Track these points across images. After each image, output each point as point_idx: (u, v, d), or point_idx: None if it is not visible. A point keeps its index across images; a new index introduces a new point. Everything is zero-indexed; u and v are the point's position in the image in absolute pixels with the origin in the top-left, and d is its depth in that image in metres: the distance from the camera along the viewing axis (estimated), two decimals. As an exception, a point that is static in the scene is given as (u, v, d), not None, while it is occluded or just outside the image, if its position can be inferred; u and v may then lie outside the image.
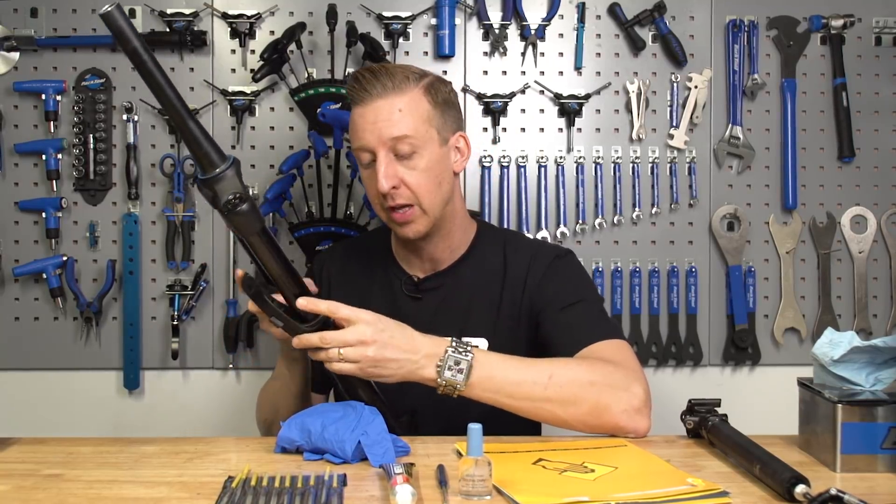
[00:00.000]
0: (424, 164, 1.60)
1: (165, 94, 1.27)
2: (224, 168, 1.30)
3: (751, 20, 2.28)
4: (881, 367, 1.38)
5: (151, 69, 1.26)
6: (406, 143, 1.57)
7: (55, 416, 2.23)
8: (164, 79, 1.27)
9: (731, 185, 2.29)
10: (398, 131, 1.57)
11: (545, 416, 1.48)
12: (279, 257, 1.40)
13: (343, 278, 1.76)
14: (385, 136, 1.57)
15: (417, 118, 1.59)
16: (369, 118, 1.58)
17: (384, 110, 1.57)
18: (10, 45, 2.18)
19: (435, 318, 1.66)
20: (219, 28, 2.22)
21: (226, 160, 1.31)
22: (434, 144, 1.61)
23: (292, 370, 1.66)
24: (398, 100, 1.58)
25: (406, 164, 1.59)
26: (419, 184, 1.59)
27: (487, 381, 1.43)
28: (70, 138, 2.20)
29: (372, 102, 1.58)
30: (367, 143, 1.58)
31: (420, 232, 1.63)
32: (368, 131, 1.58)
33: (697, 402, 1.46)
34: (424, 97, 1.61)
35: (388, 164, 1.58)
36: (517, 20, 2.25)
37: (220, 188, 1.31)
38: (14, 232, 2.22)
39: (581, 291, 1.67)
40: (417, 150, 1.59)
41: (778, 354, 2.30)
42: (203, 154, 1.30)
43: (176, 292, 2.21)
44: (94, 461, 1.34)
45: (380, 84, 1.58)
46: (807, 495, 1.11)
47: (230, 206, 1.31)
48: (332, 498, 1.14)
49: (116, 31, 1.24)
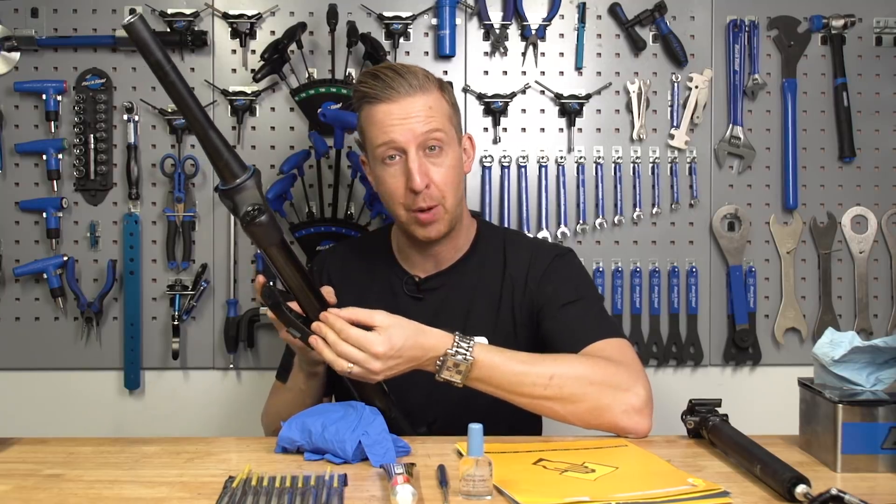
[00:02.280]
0: (450, 161, 1.61)
1: (188, 104, 1.28)
2: (244, 179, 1.31)
3: (751, 20, 2.28)
4: (882, 368, 1.38)
5: (174, 80, 1.26)
6: (437, 136, 1.59)
7: (56, 416, 2.23)
8: (186, 90, 1.27)
9: (731, 185, 2.29)
10: (430, 126, 1.58)
11: (545, 412, 1.49)
12: (297, 268, 1.40)
13: (344, 278, 1.76)
14: (418, 131, 1.57)
15: (443, 116, 1.61)
16: (398, 114, 1.57)
17: (415, 106, 1.58)
18: (11, 46, 2.18)
19: (436, 317, 1.65)
20: (219, 28, 2.22)
21: (246, 171, 1.32)
22: (455, 143, 1.64)
23: (310, 384, 1.63)
24: (426, 98, 1.59)
25: (433, 162, 1.60)
26: (446, 182, 1.60)
27: (487, 380, 1.44)
28: (71, 138, 2.20)
29: (400, 100, 1.58)
30: (397, 139, 1.58)
31: (442, 232, 1.63)
32: (399, 126, 1.57)
33: (698, 402, 1.46)
34: (443, 97, 1.63)
35: (420, 161, 1.58)
36: (518, 20, 2.25)
37: (240, 199, 1.32)
38: (15, 232, 2.22)
39: (581, 290, 1.68)
40: (444, 148, 1.60)
41: (778, 354, 2.30)
42: (224, 164, 1.31)
43: (176, 292, 2.21)
44: (95, 461, 1.34)
45: (406, 82, 1.58)
46: (807, 495, 1.11)
47: (249, 218, 1.31)
48: (333, 498, 1.14)
49: (140, 42, 1.24)
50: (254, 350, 2.23)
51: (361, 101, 1.62)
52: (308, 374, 1.61)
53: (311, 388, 1.63)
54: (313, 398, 1.64)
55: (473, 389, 1.46)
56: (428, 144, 1.58)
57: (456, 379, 1.43)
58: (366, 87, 1.60)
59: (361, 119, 1.64)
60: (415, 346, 1.42)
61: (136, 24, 1.23)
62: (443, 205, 1.61)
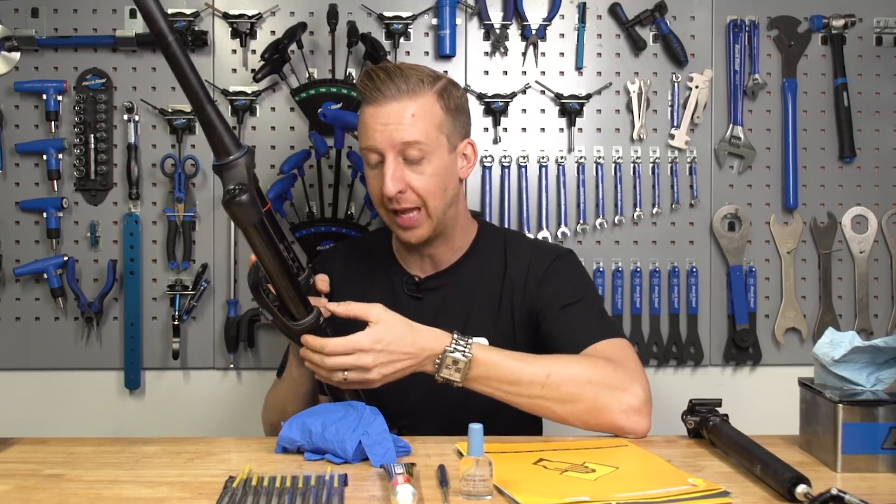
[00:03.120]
0: (432, 169, 1.59)
1: (187, 77, 1.28)
2: (237, 156, 1.31)
3: (752, 20, 2.28)
4: (882, 368, 1.38)
5: (175, 51, 1.26)
6: (416, 148, 1.57)
7: (56, 416, 2.23)
8: (187, 61, 1.27)
9: (731, 185, 2.29)
10: (409, 136, 1.56)
11: (543, 412, 1.49)
12: (275, 253, 1.38)
13: (344, 278, 1.76)
14: (395, 140, 1.56)
15: (429, 124, 1.58)
16: (380, 119, 1.57)
17: (396, 114, 1.56)
18: (11, 45, 2.18)
19: (436, 317, 1.65)
20: (220, 28, 2.22)
21: (240, 149, 1.31)
22: (443, 150, 1.61)
23: (300, 371, 1.62)
24: (411, 104, 1.57)
25: (414, 169, 1.58)
26: (426, 189, 1.59)
27: (485, 379, 1.45)
28: (71, 138, 2.20)
29: (385, 104, 1.57)
30: (376, 145, 1.58)
31: (422, 237, 1.63)
32: (379, 132, 1.57)
33: (698, 402, 1.46)
34: (437, 102, 1.60)
35: (395, 167, 1.57)
36: (518, 20, 2.25)
37: (228, 176, 1.31)
38: (15, 232, 2.22)
39: (581, 291, 1.68)
40: (426, 156, 1.58)
41: (779, 354, 2.30)
42: (218, 139, 1.30)
43: (177, 292, 2.21)
44: (95, 461, 1.34)
45: (394, 86, 1.56)
46: (808, 495, 1.11)
47: (228, 196, 1.31)
48: (333, 498, 1.14)
49: (145, 11, 1.24)
50: (254, 350, 2.23)
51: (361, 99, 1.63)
52: (298, 361, 1.60)
53: (302, 373, 1.60)
54: (306, 387, 1.63)
55: (473, 392, 1.46)
56: (405, 155, 1.57)
57: (455, 377, 1.43)
58: (360, 86, 1.62)
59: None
60: (405, 343, 1.41)
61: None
62: (425, 209, 1.60)
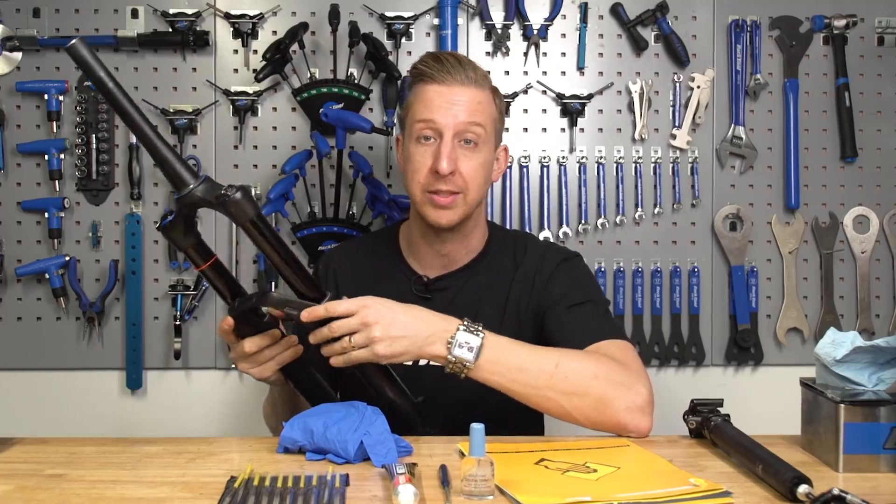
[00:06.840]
0: (482, 158, 1.65)
1: (134, 119, 1.32)
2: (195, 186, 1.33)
3: (753, 20, 2.28)
4: (884, 368, 1.38)
5: (118, 96, 1.32)
6: (476, 131, 1.62)
7: (58, 416, 2.23)
8: (132, 106, 1.32)
9: (733, 185, 2.29)
10: (474, 118, 1.62)
11: (549, 405, 1.47)
12: (278, 243, 1.40)
13: (350, 277, 1.76)
14: (460, 119, 1.61)
15: (488, 115, 1.65)
16: (447, 97, 1.62)
17: (466, 96, 1.62)
18: (13, 45, 2.19)
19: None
20: (221, 28, 2.22)
21: (197, 178, 1.34)
22: (491, 145, 1.68)
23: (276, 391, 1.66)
24: (479, 93, 1.64)
25: (466, 154, 1.63)
26: (472, 175, 1.63)
27: (495, 364, 1.43)
28: (72, 138, 2.20)
29: (455, 86, 1.62)
30: (437, 120, 1.61)
31: (453, 221, 1.65)
32: (444, 109, 1.61)
33: (700, 402, 1.46)
34: (494, 100, 1.68)
35: (453, 147, 1.61)
36: (519, 20, 2.25)
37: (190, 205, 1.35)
38: (17, 232, 2.22)
39: (588, 292, 1.68)
40: (480, 144, 1.64)
41: (780, 354, 2.30)
42: (174, 172, 1.34)
43: (178, 292, 2.21)
44: (97, 461, 1.34)
45: (464, 73, 1.63)
46: (809, 495, 1.11)
47: (223, 198, 1.33)
48: (335, 498, 1.14)
49: (81, 61, 1.30)
50: (255, 350, 2.23)
51: (416, 79, 1.67)
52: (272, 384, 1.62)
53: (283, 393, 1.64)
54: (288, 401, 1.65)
55: (477, 389, 1.45)
56: (465, 136, 1.62)
57: (468, 357, 1.41)
58: (424, 66, 1.65)
59: (410, 95, 1.69)
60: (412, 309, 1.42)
61: (76, 44, 1.28)
62: (464, 195, 1.63)
